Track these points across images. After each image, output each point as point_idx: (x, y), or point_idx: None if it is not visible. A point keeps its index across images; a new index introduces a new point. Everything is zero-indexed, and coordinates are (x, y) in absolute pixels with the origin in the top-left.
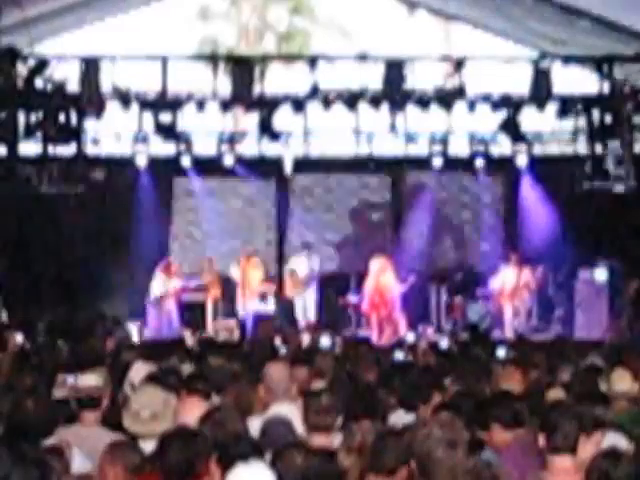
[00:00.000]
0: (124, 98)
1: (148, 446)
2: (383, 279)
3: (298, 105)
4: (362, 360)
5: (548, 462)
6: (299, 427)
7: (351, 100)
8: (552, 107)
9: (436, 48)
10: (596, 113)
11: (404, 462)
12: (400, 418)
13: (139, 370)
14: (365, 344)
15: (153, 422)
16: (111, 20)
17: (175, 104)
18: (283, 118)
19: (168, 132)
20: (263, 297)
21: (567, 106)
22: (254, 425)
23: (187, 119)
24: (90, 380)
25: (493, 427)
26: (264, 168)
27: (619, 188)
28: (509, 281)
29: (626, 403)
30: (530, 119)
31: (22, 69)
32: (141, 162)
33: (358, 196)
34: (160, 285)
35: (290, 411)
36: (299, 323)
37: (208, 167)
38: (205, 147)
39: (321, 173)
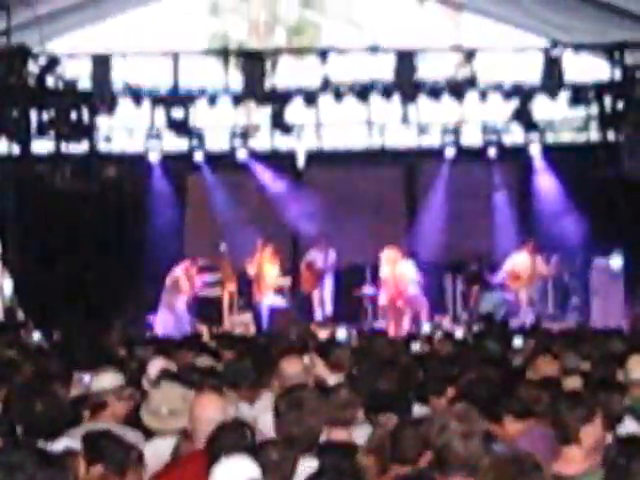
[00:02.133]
0: (136, 95)
1: (167, 443)
2: (397, 270)
3: (310, 98)
4: (379, 353)
5: (559, 452)
6: None
7: (363, 92)
8: (564, 95)
9: (447, 38)
10: (608, 100)
11: (424, 450)
12: (415, 411)
13: (156, 367)
14: (381, 336)
15: (172, 418)
16: (121, 17)
17: (187, 100)
18: (295, 111)
19: (180, 128)
20: (279, 291)
21: (579, 94)
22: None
23: (199, 114)
24: (103, 383)
25: (505, 418)
26: (277, 162)
27: (632, 174)
28: (523, 267)
29: None
30: (542, 107)
31: (33, 67)
32: (154, 158)
33: (372, 188)
34: (177, 284)
35: None
36: (315, 316)
37: (221, 162)
38: (218, 142)
39: (334, 166)
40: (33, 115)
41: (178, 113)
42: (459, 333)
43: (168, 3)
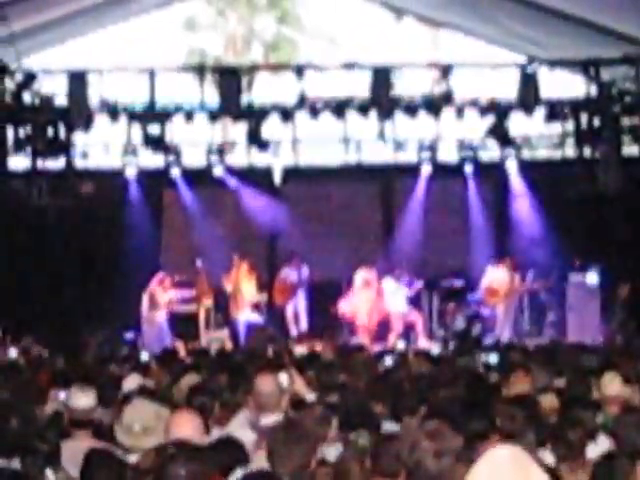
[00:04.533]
0: (112, 111)
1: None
2: (370, 293)
3: (286, 114)
4: (354, 368)
5: None
6: None
7: (339, 108)
8: (540, 111)
9: (423, 55)
10: (584, 116)
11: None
12: (389, 428)
13: (132, 383)
14: (357, 352)
15: (145, 436)
16: (98, 33)
17: (163, 116)
18: (272, 128)
19: (157, 144)
20: (256, 307)
21: (555, 110)
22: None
23: (176, 130)
24: (80, 401)
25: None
26: (254, 178)
27: (608, 191)
28: (500, 284)
29: (617, 406)
30: (518, 124)
31: (10, 84)
32: (130, 174)
33: (348, 204)
34: (154, 298)
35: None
36: (291, 332)
37: (198, 178)
38: (194, 158)
39: (311, 182)
40: (9, 131)
41: (154, 129)
42: (435, 350)
43: (144, 19)
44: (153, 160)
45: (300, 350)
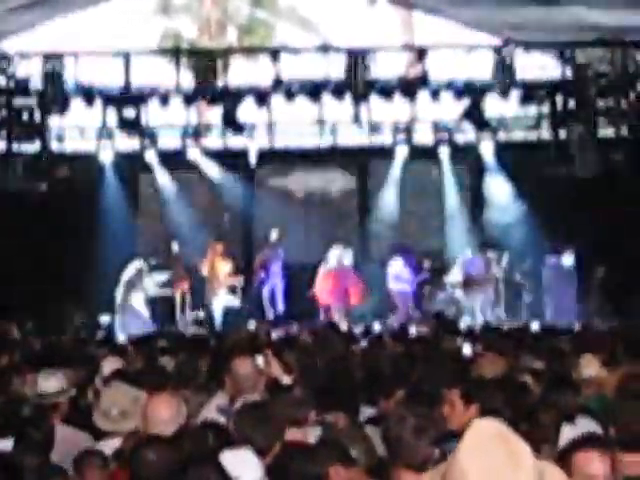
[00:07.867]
0: (87, 94)
1: (117, 443)
2: (343, 272)
3: (261, 97)
4: (330, 351)
5: None
6: None
7: (314, 91)
8: (515, 93)
9: (398, 37)
10: (559, 98)
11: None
12: (365, 411)
13: (110, 367)
14: (333, 334)
15: (122, 420)
16: (72, 16)
17: (138, 99)
18: (247, 110)
19: (132, 127)
20: (232, 290)
21: (530, 92)
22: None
23: (151, 114)
24: (50, 386)
25: None
26: (229, 160)
27: (583, 173)
28: (478, 274)
29: (595, 388)
30: (493, 106)
31: None
32: (106, 157)
33: (323, 186)
34: (132, 284)
35: None
36: (268, 315)
37: (173, 161)
38: (170, 141)
39: (286, 164)
40: None
41: (130, 112)
42: (411, 332)
43: (119, 2)
44: (128, 143)
45: (277, 333)
